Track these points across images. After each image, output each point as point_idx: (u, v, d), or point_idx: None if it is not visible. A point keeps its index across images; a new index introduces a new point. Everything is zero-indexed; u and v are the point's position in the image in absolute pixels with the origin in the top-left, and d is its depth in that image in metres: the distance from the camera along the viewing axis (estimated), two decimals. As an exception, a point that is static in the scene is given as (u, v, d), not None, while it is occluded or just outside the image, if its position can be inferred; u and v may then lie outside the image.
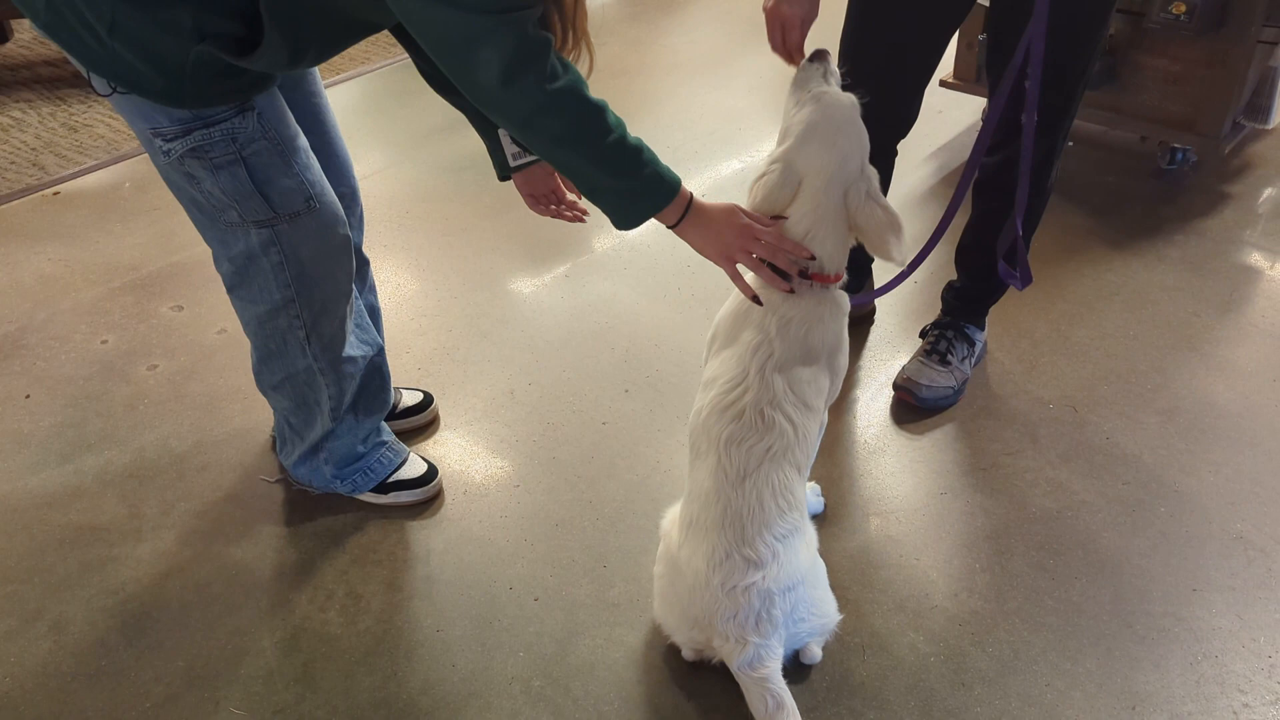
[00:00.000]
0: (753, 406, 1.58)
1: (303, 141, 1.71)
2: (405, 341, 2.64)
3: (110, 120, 3.94)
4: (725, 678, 1.68)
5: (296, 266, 1.75)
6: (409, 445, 2.23)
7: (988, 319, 2.54)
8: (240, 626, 1.89)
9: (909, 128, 2.34)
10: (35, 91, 4.22)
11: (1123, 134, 3.56)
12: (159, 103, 1.52)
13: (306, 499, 2.16)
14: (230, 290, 1.83)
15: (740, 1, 5.21)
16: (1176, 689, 1.74)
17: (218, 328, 2.71)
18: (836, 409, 2.34)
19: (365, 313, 2.05)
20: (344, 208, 1.83)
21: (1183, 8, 2.92)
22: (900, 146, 2.39)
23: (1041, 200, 2.28)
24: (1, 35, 4.65)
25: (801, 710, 1.57)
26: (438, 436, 2.35)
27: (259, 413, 2.38)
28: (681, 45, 4.70)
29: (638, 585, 1.94)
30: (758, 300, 1.63)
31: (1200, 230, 3.08)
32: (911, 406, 2.39)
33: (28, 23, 4.64)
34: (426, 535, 2.08)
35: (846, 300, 1.71)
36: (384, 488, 2.12)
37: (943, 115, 3.73)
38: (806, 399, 1.62)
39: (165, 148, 1.58)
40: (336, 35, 1.59)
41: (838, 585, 1.87)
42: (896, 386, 2.42)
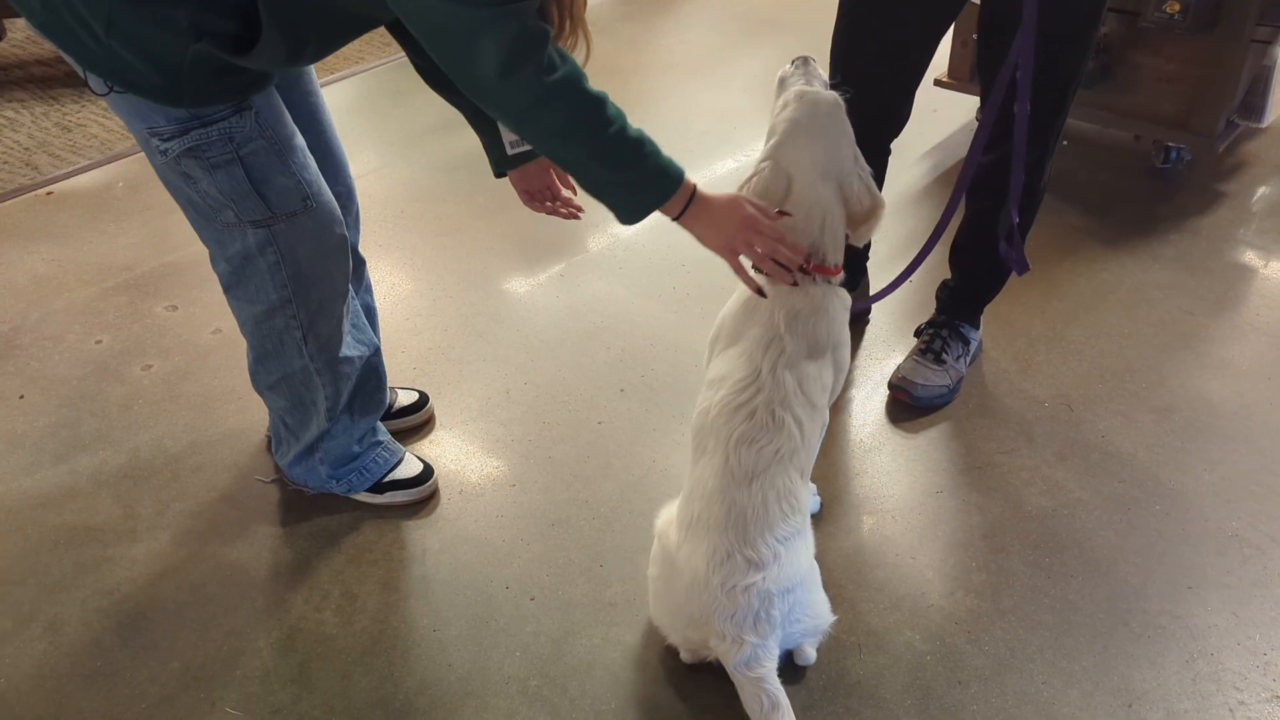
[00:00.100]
0: (764, 406, 1.58)
1: (300, 141, 1.70)
2: (401, 341, 2.63)
3: (104, 120, 3.93)
4: (721, 677, 1.67)
5: (293, 266, 1.75)
6: (405, 445, 2.23)
7: (983, 318, 2.54)
8: (236, 627, 1.88)
9: (902, 126, 2.34)
10: (28, 91, 4.20)
11: (1117, 133, 3.57)
12: (156, 102, 1.51)
13: (302, 499, 2.15)
14: (227, 290, 1.83)
15: (734, 1, 5.21)
16: (1173, 686, 1.75)
17: (212, 328, 2.70)
18: (832, 408, 2.34)
19: (361, 312, 2.05)
20: (340, 207, 1.83)
21: (1177, 7, 2.92)
22: (895, 145, 2.40)
23: (1035, 200, 2.29)
24: (-6, 34, 4.64)
25: (798, 708, 1.57)
26: (433, 436, 2.34)
27: (254, 413, 2.37)
28: (676, 45, 4.70)
29: (634, 585, 1.94)
30: (761, 293, 1.63)
31: (1195, 229, 3.09)
32: (907, 405, 2.40)
33: (21, 21, 4.64)
34: (422, 535, 2.08)
35: (847, 295, 1.72)
36: (380, 487, 2.12)
37: (938, 114, 3.74)
38: (814, 397, 1.62)
39: (162, 147, 1.57)
40: (334, 32, 1.59)
41: (834, 583, 1.88)
42: (892, 385, 2.42)
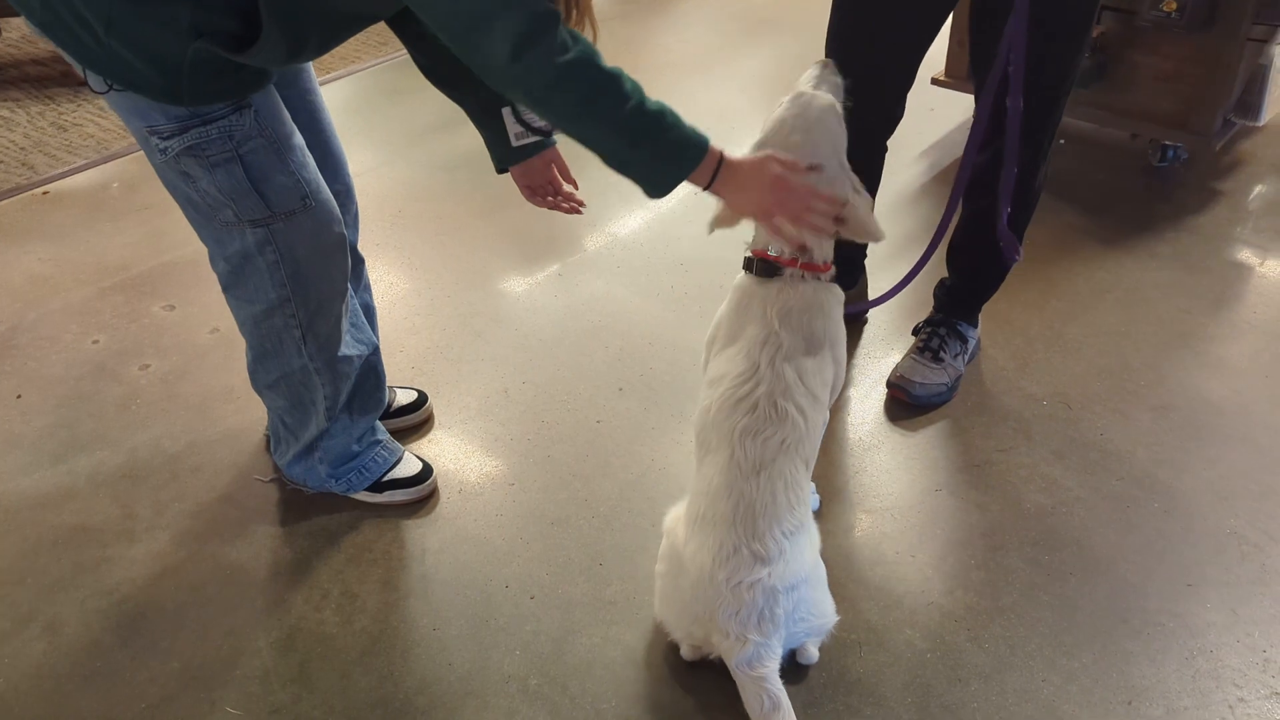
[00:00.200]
0: (766, 398, 1.59)
1: (299, 139, 1.70)
2: (399, 340, 2.63)
3: (100, 119, 3.92)
4: (722, 676, 1.68)
5: (292, 265, 1.74)
6: (403, 444, 2.23)
7: (981, 316, 2.54)
8: (236, 627, 1.88)
9: (895, 125, 2.35)
10: (23, 90, 4.19)
11: (1114, 132, 3.57)
12: (156, 100, 1.51)
13: (301, 498, 2.15)
14: (226, 289, 1.83)
15: (732, 1, 5.21)
16: (1172, 684, 1.75)
17: (210, 327, 2.70)
18: (831, 407, 2.34)
19: (360, 312, 2.04)
20: (339, 206, 1.82)
21: (1174, 5, 2.93)
22: (891, 144, 2.40)
23: (1031, 200, 2.29)
24: (-10, 34, 4.63)
25: (798, 706, 1.57)
26: (432, 435, 2.34)
27: (252, 412, 2.37)
28: (673, 44, 4.69)
29: (634, 583, 1.94)
30: (804, 247, 1.63)
31: (1192, 227, 3.09)
32: (905, 404, 2.40)
33: (16, 21, 4.63)
34: (422, 534, 2.08)
35: (840, 290, 1.72)
36: (379, 487, 2.12)
37: (934, 113, 3.74)
38: (815, 390, 1.63)
39: (162, 146, 1.57)
40: (334, 29, 1.59)
41: (833, 581, 1.87)
42: (890, 384, 2.42)
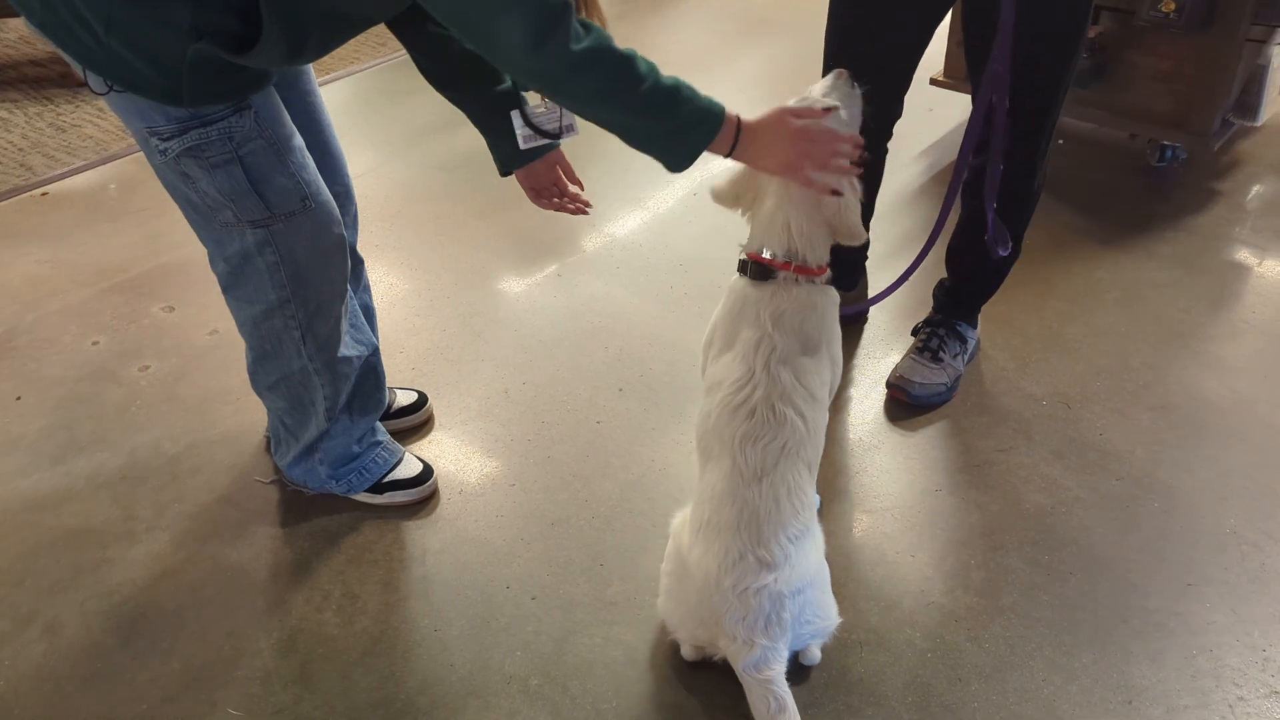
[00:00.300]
0: (764, 402, 1.58)
1: (298, 141, 1.70)
2: (399, 341, 2.63)
3: (98, 120, 3.92)
4: (723, 675, 1.68)
5: (292, 266, 1.74)
6: (404, 445, 2.23)
7: (980, 317, 2.54)
8: (236, 628, 1.88)
9: (893, 123, 2.35)
10: (21, 91, 4.19)
11: (1112, 132, 3.57)
12: (157, 101, 1.51)
13: (301, 500, 2.15)
14: (225, 290, 1.83)
15: (730, 1, 5.22)
16: (1172, 683, 1.75)
17: (209, 329, 2.70)
18: (831, 407, 2.34)
19: (360, 312, 2.04)
20: (338, 207, 1.82)
21: (1172, 5, 2.93)
22: (890, 145, 2.40)
23: (1031, 200, 2.29)
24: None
25: (800, 707, 1.57)
26: (432, 436, 2.34)
27: (252, 414, 2.37)
28: (670, 44, 4.70)
29: (635, 584, 1.94)
30: (837, 192, 1.61)
31: (1190, 227, 3.10)
32: (904, 404, 2.40)
33: (13, 21, 4.62)
34: (422, 535, 2.08)
35: (835, 293, 1.72)
36: (379, 488, 2.12)
37: (933, 113, 3.74)
38: (813, 390, 1.62)
39: (162, 147, 1.57)
40: (335, 30, 1.59)
41: (834, 581, 1.87)
42: (889, 384, 2.43)
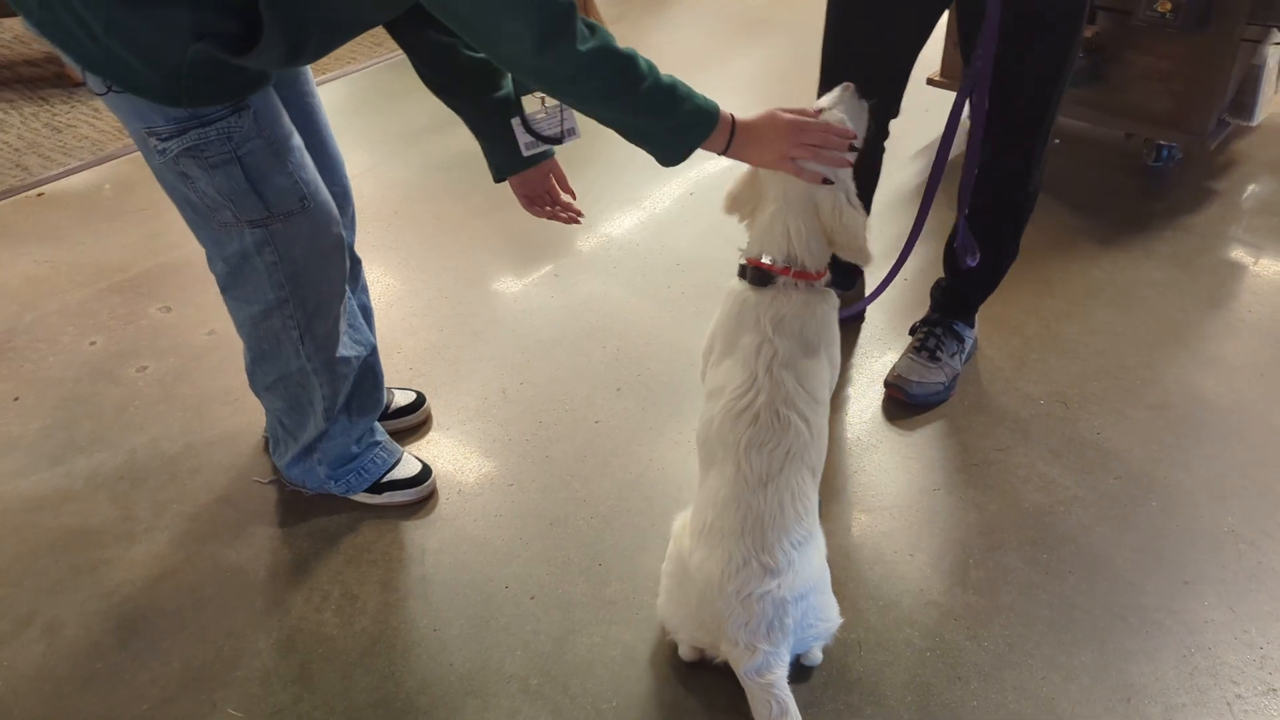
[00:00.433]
0: (767, 407, 1.58)
1: (297, 140, 1.70)
2: (396, 341, 2.63)
3: (94, 120, 3.92)
4: (723, 675, 1.68)
5: (291, 266, 1.74)
6: (402, 445, 2.23)
7: (977, 316, 2.55)
8: (236, 628, 1.88)
9: (890, 123, 2.35)
10: (17, 91, 4.19)
11: (1109, 131, 3.58)
12: (156, 102, 1.50)
13: (300, 500, 2.15)
14: (224, 290, 1.82)
15: (726, 2, 5.22)
16: (1170, 681, 1.76)
17: (207, 329, 2.70)
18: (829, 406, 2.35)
19: (358, 313, 2.04)
20: (337, 207, 1.82)
21: (1168, 5, 2.94)
22: (886, 144, 2.41)
23: (1028, 202, 2.30)
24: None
25: (800, 706, 1.56)
26: (431, 436, 2.34)
27: (250, 414, 2.37)
28: (667, 45, 4.70)
29: (634, 583, 1.95)
30: (829, 180, 1.64)
31: (1187, 226, 3.10)
32: (903, 403, 2.40)
33: (8, 22, 4.62)
34: (421, 535, 2.08)
35: (834, 295, 1.72)
36: (378, 488, 2.12)
37: (929, 113, 3.73)
38: (816, 393, 1.63)
39: (160, 147, 1.57)
40: (334, 32, 1.59)
41: (833, 580, 1.87)
42: (887, 384, 2.43)
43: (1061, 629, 1.85)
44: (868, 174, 2.37)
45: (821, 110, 1.66)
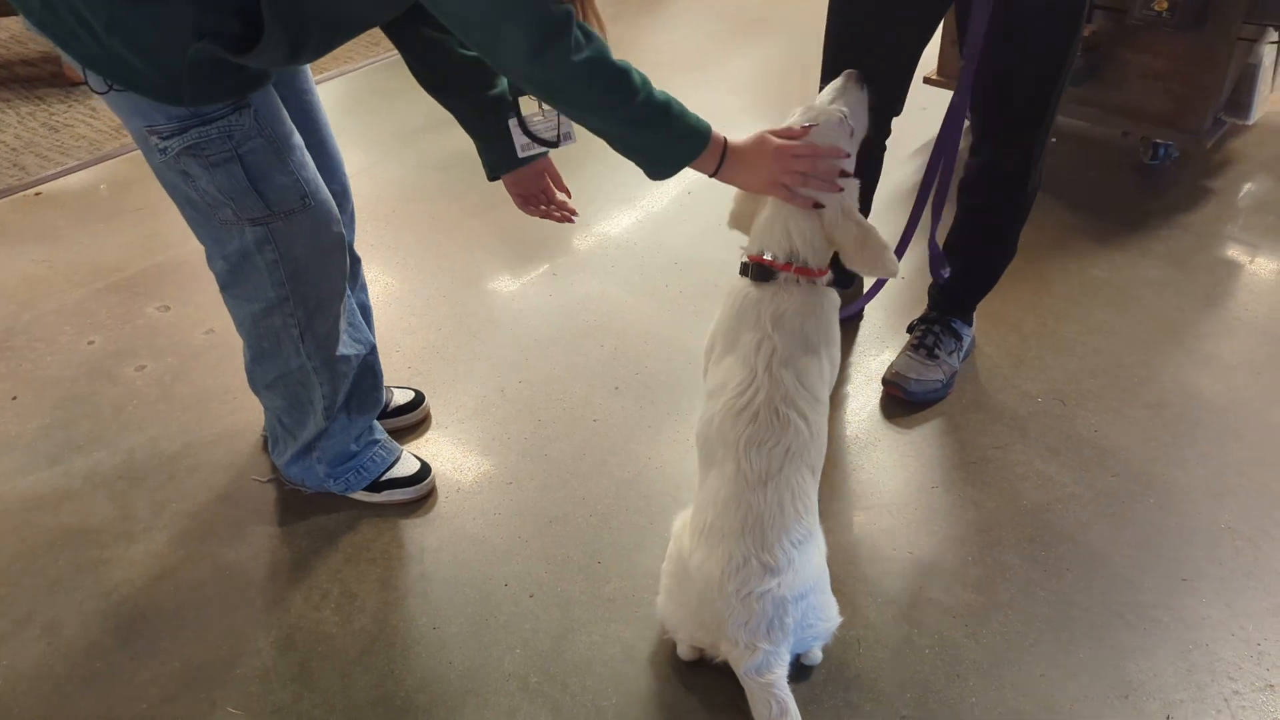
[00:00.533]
0: (766, 406, 1.58)
1: (298, 139, 1.70)
2: (395, 340, 2.63)
3: (91, 120, 3.91)
4: (722, 674, 1.68)
5: (291, 264, 1.75)
6: (401, 444, 2.23)
7: (975, 314, 2.55)
8: (235, 627, 1.88)
9: (891, 121, 2.35)
10: (13, 91, 4.18)
11: (1105, 130, 3.59)
12: (157, 100, 1.51)
13: (299, 498, 2.15)
14: (224, 289, 1.82)
15: (723, 1, 5.22)
16: (1168, 677, 1.76)
17: (205, 328, 2.70)
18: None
19: (357, 311, 2.04)
20: (336, 205, 1.83)
21: (1165, 4, 2.94)
22: (887, 143, 2.41)
23: (1027, 201, 2.30)
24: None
25: (799, 704, 1.57)
26: (429, 435, 2.34)
27: (249, 413, 2.37)
28: (663, 45, 4.70)
29: (632, 581, 1.95)
30: (820, 205, 1.65)
31: (1183, 225, 3.11)
32: (901, 401, 2.41)
33: (4, 20, 4.61)
34: (420, 533, 2.08)
35: (836, 293, 1.73)
36: (377, 486, 2.12)
37: (926, 112, 3.74)
38: (815, 391, 1.63)
39: (161, 145, 1.57)
40: (335, 32, 1.59)
41: (832, 578, 1.87)
42: (885, 381, 2.43)
43: (1060, 626, 1.86)
44: (869, 172, 2.37)
45: (805, 127, 1.66)
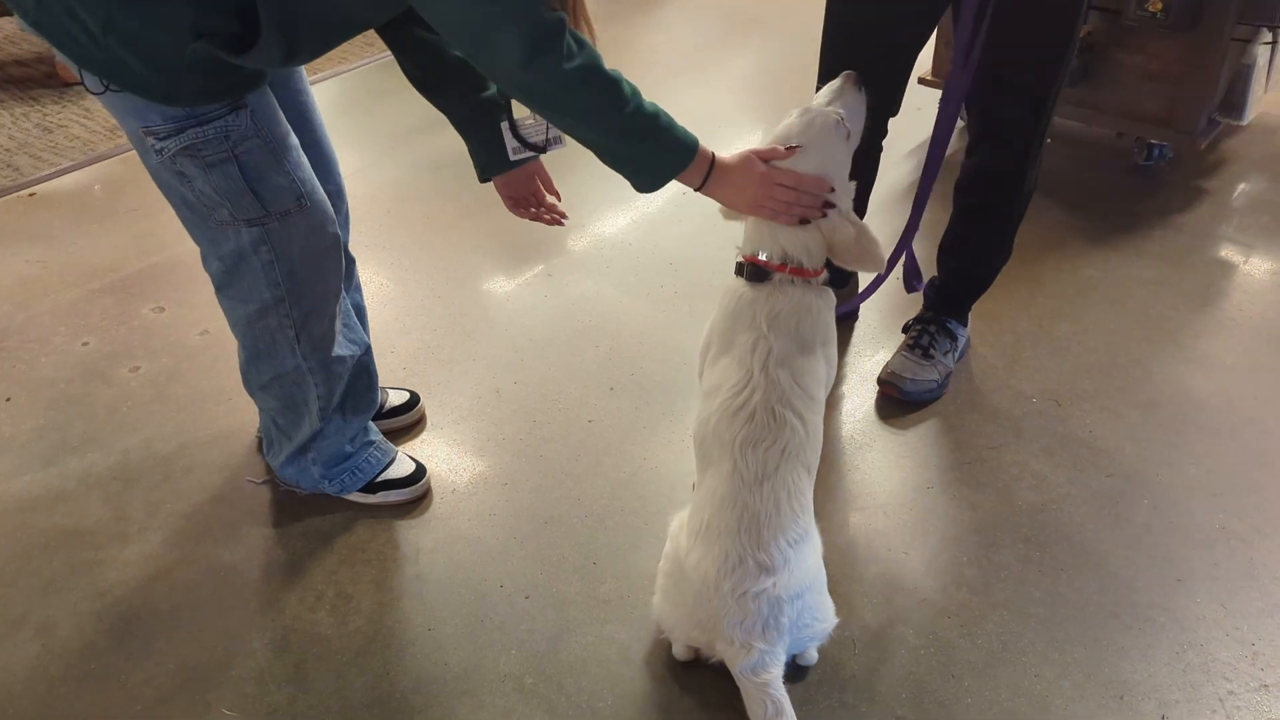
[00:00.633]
0: (763, 406, 1.59)
1: (294, 140, 1.70)
2: (390, 341, 2.63)
3: (85, 121, 3.90)
4: (717, 673, 1.69)
5: (287, 265, 1.74)
6: (396, 445, 2.22)
7: (970, 314, 2.56)
8: (230, 628, 1.88)
9: (888, 119, 2.36)
10: (7, 92, 4.17)
11: (1100, 130, 3.59)
12: (153, 101, 1.50)
13: (294, 500, 2.15)
14: (219, 289, 1.82)
15: (718, 1, 5.22)
16: (1163, 677, 1.76)
17: (200, 329, 2.69)
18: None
19: (352, 312, 2.04)
20: (330, 206, 1.83)
21: (1159, 5, 2.95)
22: (884, 143, 2.41)
23: (1022, 202, 2.31)
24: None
25: (794, 704, 1.57)
26: (424, 436, 2.34)
27: (243, 414, 2.36)
28: (659, 45, 4.70)
29: (628, 582, 1.95)
30: (805, 221, 1.65)
31: (1177, 225, 3.12)
32: (896, 401, 2.41)
33: None
34: (415, 534, 2.08)
35: (831, 293, 1.73)
36: (372, 487, 2.12)
37: (921, 112, 3.74)
38: (811, 391, 1.63)
39: (158, 146, 1.56)
40: (331, 33, 1.59)
41: (828, 579, 1.88)
42: (881, 381, 2.43)
43: (1055, 626, 1.86)
44: (865, 173, 2.38)
45: (789, 148, 1.66)
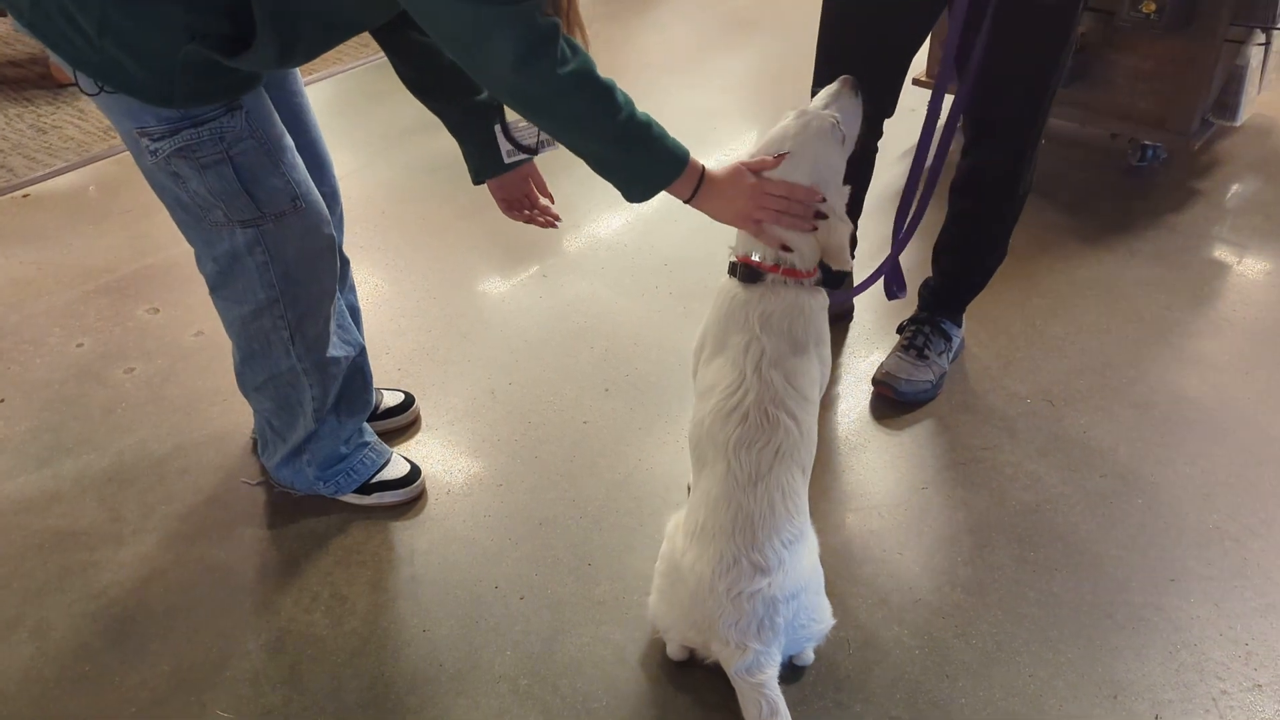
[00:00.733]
0: (756, 407, 1.59)
1: (289, 141, 1.70)
2: (384, 342, 2.63)
3: (79, 122, 3.90)
4: (713, 674, 1.69)
5: (281, 266, 1.74)
6: (391, 446, 2.23)
7: (964, 315, 2.56)
8: (225, 629, 1.88)
9: (884, 120, 2.36)
10: (1, 93, 4.16)
11: (1094, 131, 3.60)
12: (148, 102, 1.50)
13: (289, 501, 2.15)
14: (213, 290, 1.82)
15: (714, 2, 5.23)
16: (1157, 677, 1.77)
17: (194, 330, 2.69)
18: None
19: (347, 313, 2.05)
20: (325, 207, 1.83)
21: (1152, 6, 2.96)
22: (879, 144, 2.42)
23: (1017, 204, 2.31)
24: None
25: (789, 704, 1.57)
26: (419, 437, 2.34)
27: (238, 415, 2.36)
28: (655, 45, 4.71)
29: (623, 583, 1.95)
30: (787, 248, 1.65)
31: (1171, 225, 3.12)
32: (891, 401, 2.41)
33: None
34: (410, 535, 2.08)
35: (824, 294, 1.73)
36: (367, 488, 2.12)
37: (915, 113, 3.74)
38: (805, 391, 1.63)
39: (152, 148, 1.57)
40: (326, 35, 1.59)
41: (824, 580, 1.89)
42: (876, 382, 2.44)
43: (1049, 626, 1.86)
44: (860, 174, 2.38)
45: (778, 156, 1.66)
